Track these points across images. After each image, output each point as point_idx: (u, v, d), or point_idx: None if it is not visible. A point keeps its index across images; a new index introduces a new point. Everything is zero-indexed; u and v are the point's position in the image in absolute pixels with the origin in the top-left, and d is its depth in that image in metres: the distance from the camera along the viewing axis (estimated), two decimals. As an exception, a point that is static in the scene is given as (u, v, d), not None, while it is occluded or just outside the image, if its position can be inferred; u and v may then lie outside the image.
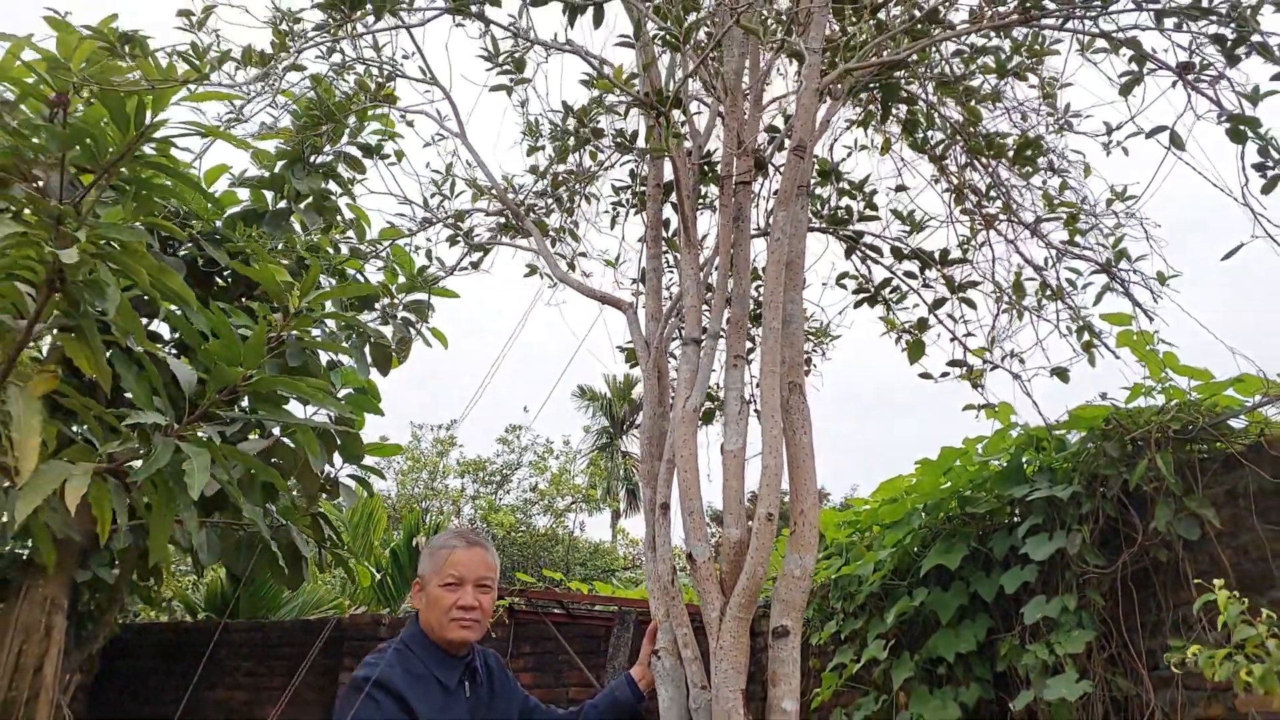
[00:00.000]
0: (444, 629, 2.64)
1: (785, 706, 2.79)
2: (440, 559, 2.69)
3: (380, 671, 2.56)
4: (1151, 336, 3.99)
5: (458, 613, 2.63)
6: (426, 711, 2.56)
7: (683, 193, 3.09)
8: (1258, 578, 3.58)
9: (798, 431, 3.00)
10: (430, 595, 2.66)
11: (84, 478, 2.28)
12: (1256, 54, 3.20)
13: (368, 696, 2.53)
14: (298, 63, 4.19)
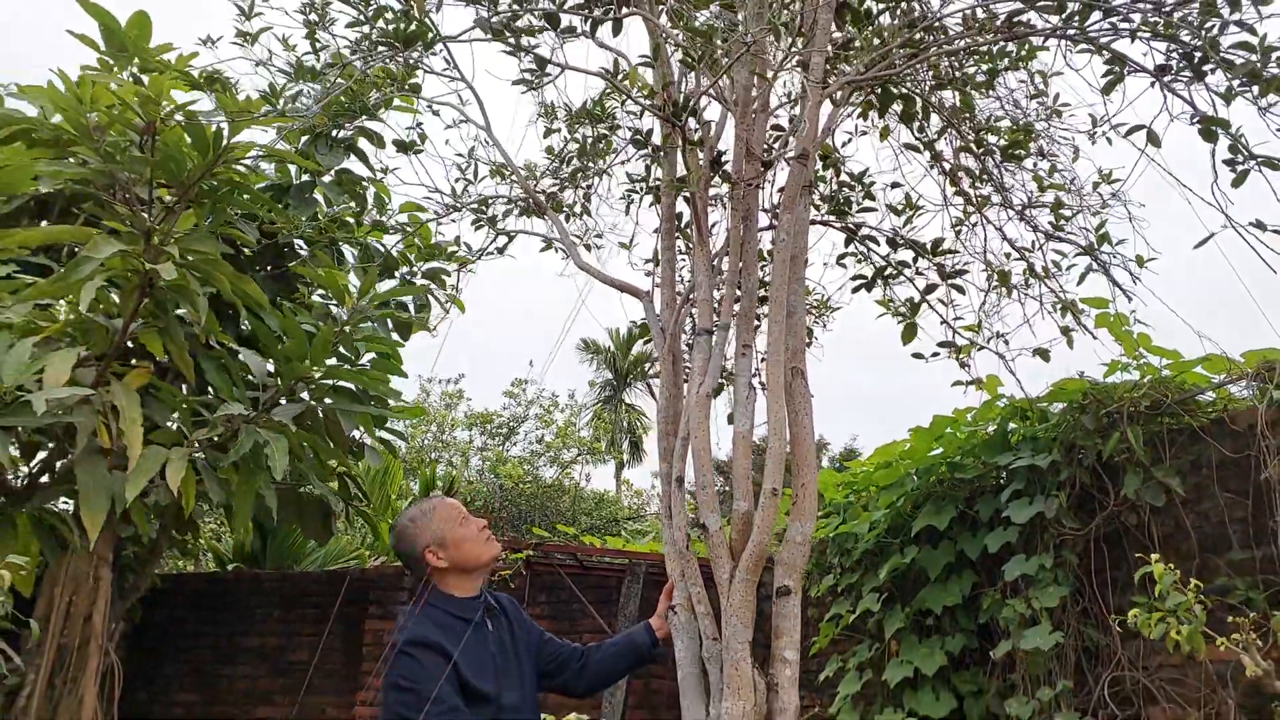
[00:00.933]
0: (487, 550, 2.98)
1: (787, 655, 3.17)
2: (444, 513, 3.01)
3: (416, 632, 2.92)
4: (1127, 318, 4.31)
5: (483, 534, 2.99)
6: (460, 654, 2.92)
7: (696, 197, 3.39)
8: (1217, 540, 3.95)
9: (799, 413, 3.34)
10: (454, 539, 2.98)
11: (181, 462, 2.62)
12: (1220, 70, 3.47)
13: (411, 656, 2.88)
14: (330, 54, 4.46)
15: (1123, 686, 4.03)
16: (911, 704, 4.72)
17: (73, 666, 5.18)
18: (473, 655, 2.96)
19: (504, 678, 3.03)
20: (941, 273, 4.19)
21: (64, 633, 5.40)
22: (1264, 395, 3.73)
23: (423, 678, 2.86)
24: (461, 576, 3.08)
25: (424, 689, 2.86)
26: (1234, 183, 4.04)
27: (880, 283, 4.30)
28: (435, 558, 3.08)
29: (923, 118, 4.65)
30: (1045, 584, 4.25)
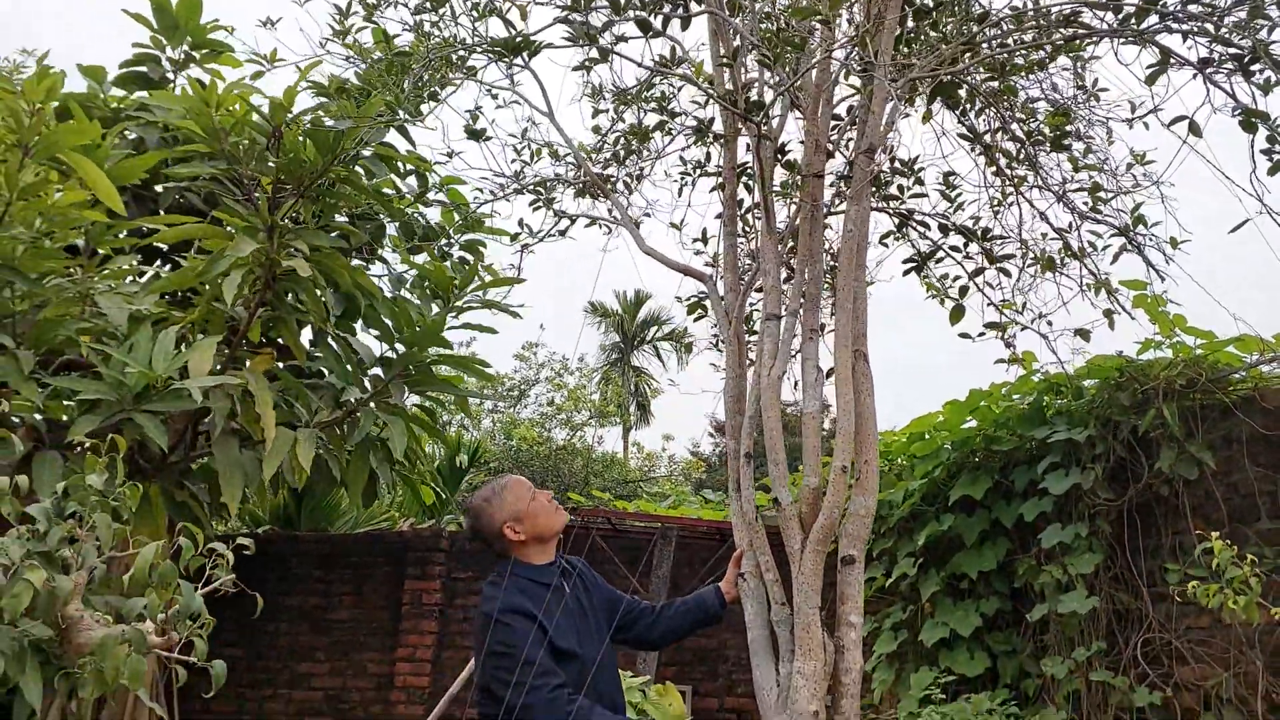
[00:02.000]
0: (551, 522, 3.21)
1: (852, 619, 3.40)
2: (510, 493, 3.23)
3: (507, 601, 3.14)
4: (1163, 300, 4.51)
5: (551, 504, 3.22)
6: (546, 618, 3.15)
7: (766, 186, 3.57)
8: (1246, 511, 4.19)
9: (862, 394, 3.55)
10: (531, 513, 3.21)
11: (310, 443, 2.83)
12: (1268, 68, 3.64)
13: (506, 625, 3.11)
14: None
15: (1153, 647, 4.29)
16: (947, 662, 5.00)
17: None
18: (557, 617, 3.20)
19: (584, 635, 3.27)
20: (989, 256, 4.38)
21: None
22: (1295, 375, 3.93)
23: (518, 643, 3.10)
24: (538, 546, 3.31)
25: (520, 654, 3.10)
26: (1270, 171, 4.22)
27: (927, 264, 4.49)
28: (513, 532, 3.31)
29: (967, 102, 4.81)
30: (1080, 551, 4.49)
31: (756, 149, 3.47)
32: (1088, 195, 4.82)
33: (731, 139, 4.13)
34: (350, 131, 2.83)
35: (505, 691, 3.03)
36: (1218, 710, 3.95)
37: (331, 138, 2.83)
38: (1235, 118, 4.15)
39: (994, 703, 4.50)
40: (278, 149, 2.80)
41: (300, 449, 2.77)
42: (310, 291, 2.86)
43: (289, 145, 2.82)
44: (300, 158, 2.82)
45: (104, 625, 1.46)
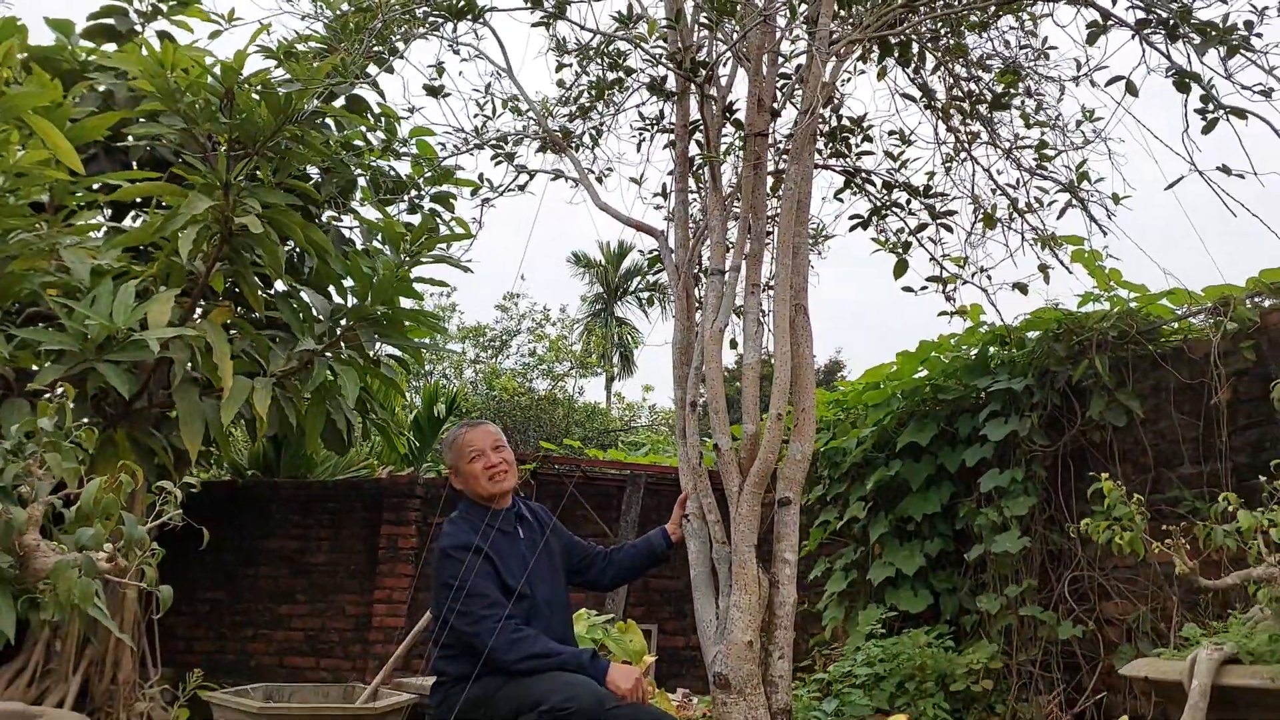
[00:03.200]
0: (486, 488, 3.42)
1: (787, 557, 3.62)
2: (459, 445, 3.46)
3: (458, 538, 3.35)
4: (1101, 254, 4.68)
5: (488, 472, 3.41)
6: (496, 553, 3.36)
7: (712, 145, 3.70)
8: (1171, 457, 4.41)
9: (801, 345, 3.72)
10: (465, 472, 3.44)
11: (266, 391, 2.99)
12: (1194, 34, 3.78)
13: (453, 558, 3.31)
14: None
15: (1081, 584, 4.54)
16: (893, 600, 5.24)
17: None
18: (507, 557, 3.41)
19: (537, 576, 3.48)
20: (932, 213, 4.53)
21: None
22: (1219, 328, 4.12)
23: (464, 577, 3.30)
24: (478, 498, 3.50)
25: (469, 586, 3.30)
26: (1203, 130, 4.37)
27: (875, 220, 4.64)
28: (454, 481, 3.52)
29: (919, 59, 4.93)
30: (1016, 495, 4.71)
31: (702, 108, 3.60)
32: (1035, 153, 4.97)
33: (683, 96, 4.25)
34: (300, 93, 2.95)
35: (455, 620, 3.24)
36: (1136, 642, 4.20)
37: (283, 99, 2.95)
38: (1169, 79, 4.29)
39: (932, 636, 4.75)
40: (230, 110, 2.92)
41: (257, 396, 2.93)
42: (267, 246, 2.99)
43: (242, 106, 2.94)
44: (253, 118, 2.94)
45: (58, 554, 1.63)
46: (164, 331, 2.63)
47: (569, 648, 3.34)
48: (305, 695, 4.67)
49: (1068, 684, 4.45)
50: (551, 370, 20.31)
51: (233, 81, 2.88)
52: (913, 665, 4.60)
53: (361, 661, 7.95)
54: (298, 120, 3.02)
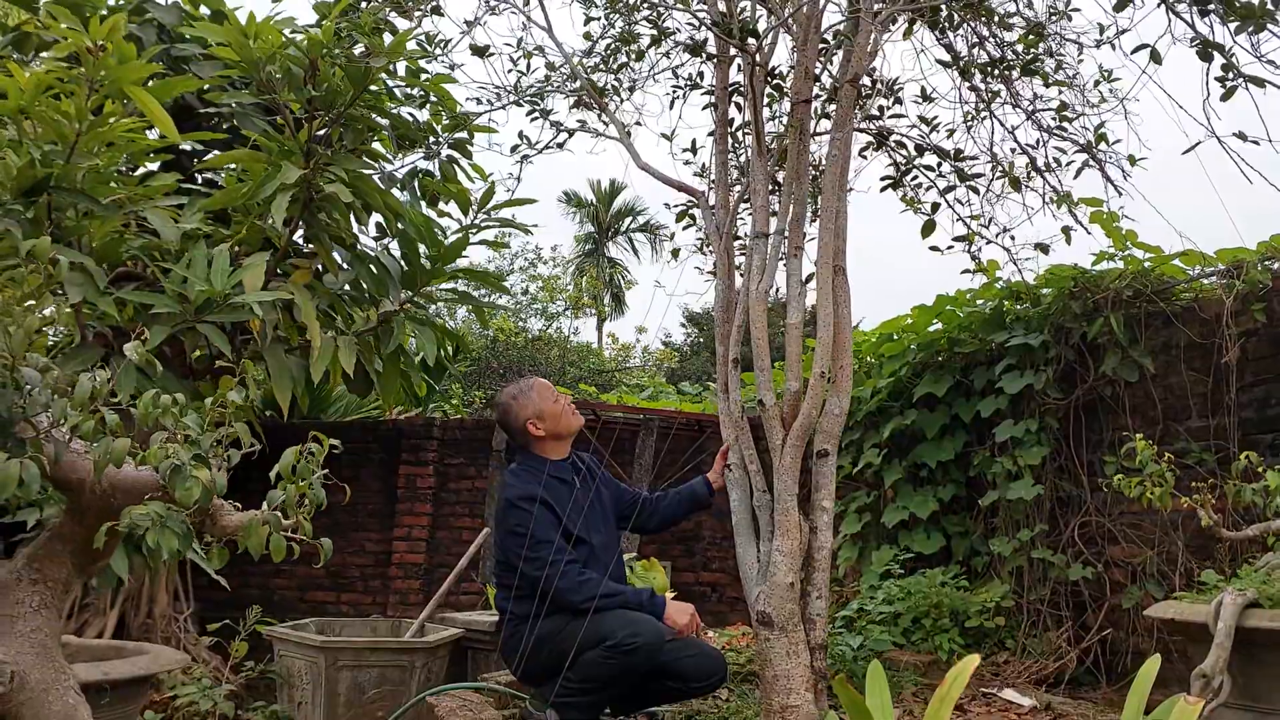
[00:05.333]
0: (571, 422, 3.68)
1: (825, 505, 3.85)
2: (535, 393, 3.69)
3: (523, 489, 3.57)
4: (1118, 215, 4.87)
5: (569, 408, 3.67)
6: (557, 503, 3.59)
7: (758, 109, 3.84)
8: (1179, 411, 4.66)
9: (840, 305, 3.91)
10: (550, 414, 3.66)
11: (351, 349, 3.16)
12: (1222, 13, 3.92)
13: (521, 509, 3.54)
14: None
15: (1090, 529, 4.82)
16: (906, 542, 5.53)
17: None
18: (566, 505, 3.63)
19: (592, 523, 3.72)
20: (961, 175, 4.69)
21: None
22: (1230, 289, 4.34)
23: (531, 524, 3.53)
24: (555, 442, 3.76)
25: (535, 534, 3.53)
26: (1222, 97, 4.54)
27: (903, 180, 4.80)
28: (535, 428, 3.73)
29: (946, 21, 5.04)
30: (1030, 445, 4.96)
31: (750, 75, 3.73)
32: (1054, 114, 5.12)
33: (724, 59, 4.36)
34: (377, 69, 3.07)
35: (520, 564, 3.48)
36: (1141, 584, 4.50)
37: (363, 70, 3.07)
38: (1193, 48, 4.44)
39: (946, 576, 5.04)
40: (314, 80, 3.03)
41: (342, 355, 3.10)
42: (342, 210, 3.13)
43: (323, 76, 3.05)
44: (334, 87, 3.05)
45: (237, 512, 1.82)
46: (262, 295, 2.79)
47: (628, 587, 3.59)
48: (355, 629, 4.92)
49: (1075, 621, 4.76)
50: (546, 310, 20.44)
51: (318, 53, 2.99)
52: (929, 603, 4.89)
53: (382, 596, 8.25)
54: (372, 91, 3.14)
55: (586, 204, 26.90)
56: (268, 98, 3.02)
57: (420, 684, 4.35)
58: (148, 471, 1.69)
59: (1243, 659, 2.56)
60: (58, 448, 1.65)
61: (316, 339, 2.98)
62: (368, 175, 3.22)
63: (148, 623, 6.81)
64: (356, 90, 3.14)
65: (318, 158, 3.03)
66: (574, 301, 19.76)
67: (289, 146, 3.05)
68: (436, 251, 3.60)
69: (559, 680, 3.32)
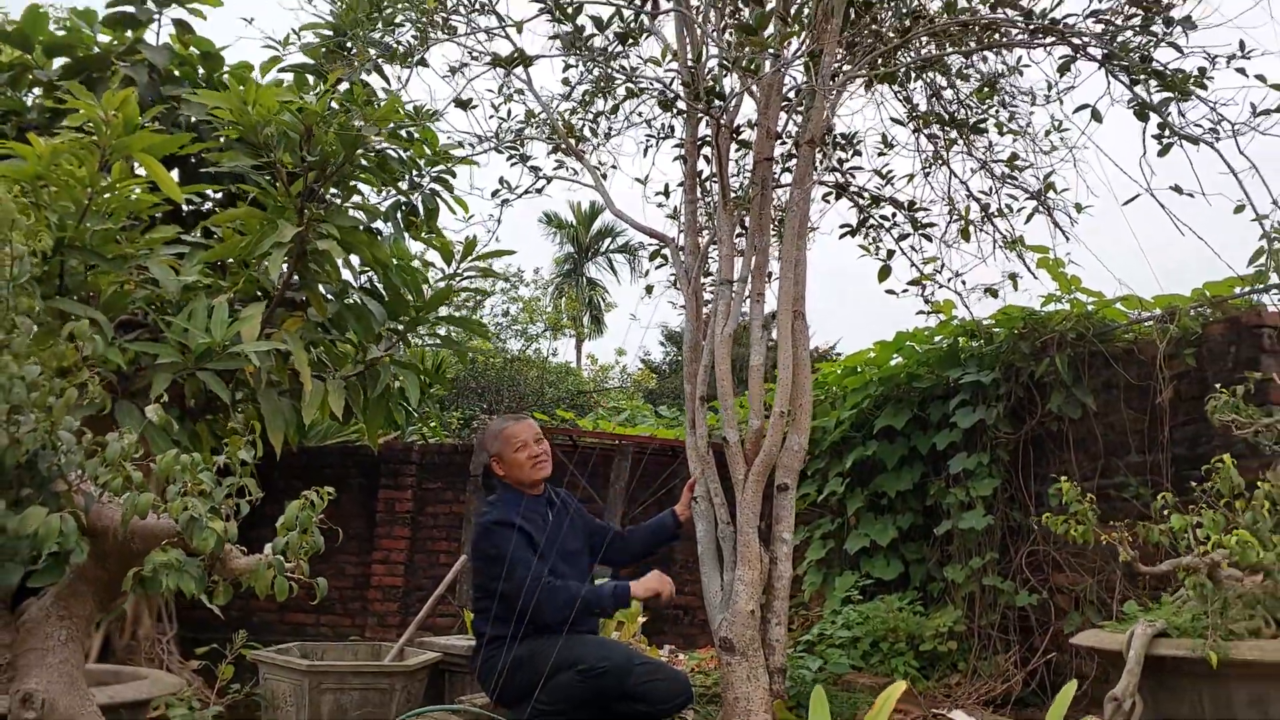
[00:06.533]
0: (529, 475, 3.87)
1: (784, 537, 4.11)
2: (504, 436, 3.89)
3: (500, 515, 3.79)
4: (1063, 261, 5.18)
5: (531, 460, 3.87)
6: (533, 532, 3.81)
7: (723, 166, 4.11)
8: (1119, 447, 4.95)
9: (799, 348, 4.18)
10: (509, 461, 3.88)
11: (339, 393, 3.38)
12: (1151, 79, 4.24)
13: (498, 533, 3.76)
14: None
15: (1037, 557, 5.09)
16: (867, 568, 5.79)
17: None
18: (540, 535, 3.86)
19: (564, 553, 3.95)
20: (914, 224, 4.99)
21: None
22: (1165, 334, 4.64)
23: (505, 547, 3.74)
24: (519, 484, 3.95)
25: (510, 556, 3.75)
26: (1159, 154, 4.86)
27: (862, 228, 5.09)
28: (497, 467, 3.95)
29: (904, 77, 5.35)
30: (981, 477, 5.24)
31: (715, 134, 4.00)
32: (1005, 165, 5.44)
33: (693, 115, 4.64)
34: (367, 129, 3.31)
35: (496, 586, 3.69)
36: (1083, 610, 4.77)
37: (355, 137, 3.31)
38: (1130, 108, 4.76)
39: (903, 602, 5.30)
40: (309, 145, 3.26)
41: (332, 398, 3.33)
42: (333, 263, 3.36)
43: (317, 140, 3.29)
44: (328, 150, 3.29)
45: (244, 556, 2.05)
46: (258, 345, 3.01)
47: (595, 585, 3.81)
48: (337, 653, 5.11)
49: (1022, 645, 5.03)
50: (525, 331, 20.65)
51: (313, 121, 3.23)
52: (886, 627, 5.15)
53: (361, 618, 8.41)
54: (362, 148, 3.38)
55: (566, 225, 27.19)
56: (265, 160, 3.25)
57: (400, 706, 4.55)
58: (166, 520, 1.91)
59: (1152, 684, 2.83)
60: (87, 500, 1.87)
61: (308, 384, 3.20)
62: (358, 230, 3.46)
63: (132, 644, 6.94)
64: (349, 152, 3.39)
65: (311, 215, 3.27)
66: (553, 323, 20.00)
67: (283, 202, 3.28)
68: (421, 300, 3.85)
69: (532, 702, 3.53)
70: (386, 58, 5.90)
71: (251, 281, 3.35)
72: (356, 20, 6.07)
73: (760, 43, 3.35)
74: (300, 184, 3.30)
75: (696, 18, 4.23)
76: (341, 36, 6.37)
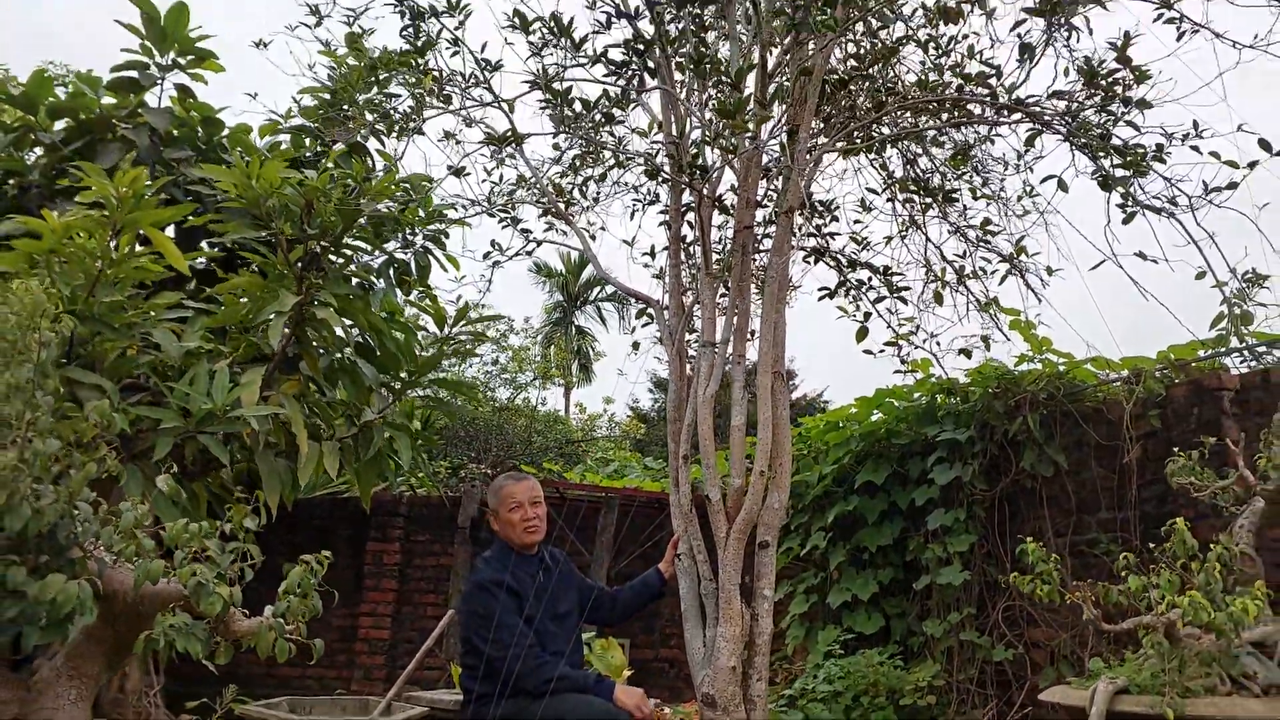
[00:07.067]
0: (520, 537, 3.98)
1: (765, 593, 4.22)
2: (502, 495, 4.00)
3: (492, 575, 3.90)
4: (1034, 324, 5.37)
5: (524, 524, 3.97)
6: (523, 590, 3.91)
7: (706, 235, 4.29)
8: (1090, 504, 5.10)
9: (778, 408, 4.33)
10: (504, 520, 3.98)
11: (335, 455, 3.51)
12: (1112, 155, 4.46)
13: (487, 591, 3.86)
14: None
15: (1013, 612, 5.21)
16: (849, 622, 5.89)
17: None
18: (530, 595, 3.96)
19: (554, 613, 4.05)
20: (890, 288, 5.18)
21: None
22: (1131, 395, 4.81)
23: (494, 608, 3.84)
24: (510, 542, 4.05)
25: (497, 618, 3.85)
26: (1124, 221, 5.07)
27: (840, 291, 5.27)
28: (493, 522, 4.06)
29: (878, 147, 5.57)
30: (959, 533, 5.38)
31: (698, 205, 4.18)
32: (978, 230, 5.65)
33: (677, 184, 4.83)
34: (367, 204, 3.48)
35: (484, 646, 3.79)
36: (1057, 665, 4.88)
37: (354, 210, 3.47)
38: (1094, 179, 4.99)
39: (884, 656, 5.39)
40: (310, 218, 3.43)
41: (327, 460, 3.45)
42: (330, 329, 3.51)
43: (318, 212, 3.45)
44: (327, 222, 3.45)
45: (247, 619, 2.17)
46: (258, 410, 3.14)
47: (580, 672, 3.90)
48: (324, 708, 5.16)
49: (1000, 700, 5.12)
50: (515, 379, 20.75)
51: (314, 195, 3.40)
52: (866, 682, 5.24)
53: (347, 670, 8.42)
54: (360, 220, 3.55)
55: (556, 274, 27.45)
56: (267, 233, 3.42)
57: (387, 760, 4.60)
58: (174, 584, 2.03)
59: (1114, 739, 2.95)
60: (100, 565, 1.99)
61: (304, 447, 3.33)
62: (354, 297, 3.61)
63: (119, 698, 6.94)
64: (348, 224, 3.55)
65: (309, 283, 3.42)
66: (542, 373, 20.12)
67: (283, 270, 3.43)
68: (414, 364, 4.00)
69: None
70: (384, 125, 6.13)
71: (251, 345, 3.49)
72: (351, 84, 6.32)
73: (738, 125, 3.54)
74: (300, 251, 3.46)
75: (680, 93, 4.44)
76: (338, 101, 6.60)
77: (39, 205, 6.15)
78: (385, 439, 3.73)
